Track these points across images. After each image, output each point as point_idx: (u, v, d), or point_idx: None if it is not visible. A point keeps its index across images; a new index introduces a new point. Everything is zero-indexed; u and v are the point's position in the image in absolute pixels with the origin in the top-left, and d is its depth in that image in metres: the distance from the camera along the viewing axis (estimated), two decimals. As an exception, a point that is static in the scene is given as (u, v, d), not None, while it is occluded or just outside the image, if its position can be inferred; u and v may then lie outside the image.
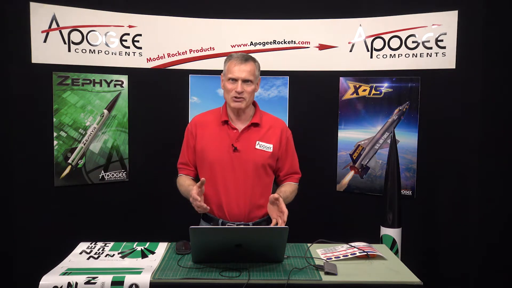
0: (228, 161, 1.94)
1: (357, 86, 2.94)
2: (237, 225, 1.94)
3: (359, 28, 2.93)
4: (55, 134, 2.72)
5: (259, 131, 2.00)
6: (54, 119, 2.71)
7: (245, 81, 1.92)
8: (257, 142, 1.97)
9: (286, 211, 1.79)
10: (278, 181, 2.10)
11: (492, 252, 2.63)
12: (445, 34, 2.69)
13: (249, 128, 1.99)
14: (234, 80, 1.92)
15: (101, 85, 2.85)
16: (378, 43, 2.89)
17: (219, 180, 1.95)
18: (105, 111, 2.88)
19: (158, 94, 2.99)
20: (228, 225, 1.95)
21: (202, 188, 1.81)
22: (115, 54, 2.88)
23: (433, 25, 2.73)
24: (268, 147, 1.98)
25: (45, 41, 2.66)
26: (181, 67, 3.01)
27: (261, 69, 2.09)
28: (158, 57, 2.98)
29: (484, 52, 2.58)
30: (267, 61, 2.98)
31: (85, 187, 2.84)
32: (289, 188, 2.04)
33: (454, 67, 2.68)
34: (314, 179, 3.02)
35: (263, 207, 1.99)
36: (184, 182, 2.01)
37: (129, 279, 1.46)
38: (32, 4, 2.60)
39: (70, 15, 2.73)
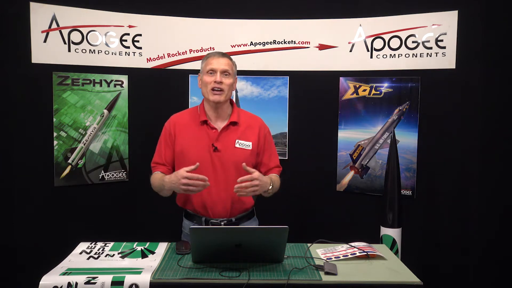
0: (209, 161, 1.95)
1: (357, 86, 2.94)
2: (220, 221, 1.96)
3: (359, 28, 2.93)
4: (55, 134, 2.72)
5: (238, 129, 2.02)
6: (54, 119, 2.71)
7: (223, 73, 1.95)
8: (237, 140, 1.99)
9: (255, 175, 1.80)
10: None
11: (492, 252, 2.63)
12: (445, 34, 2.69)
13: (228, 127, 2.00)
14: (213, 71, 1.95)
15: (101, 85, 2.85)
16: (378, 43, 2.89)
17: None
18: (105, 111, 2.88)
19: (158, 94, 2.99)
20: (211, 222, 1.96)
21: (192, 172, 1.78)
22: (115, 54, 2.88)
23: (433, 25, 2.73)
24: (248, 145, 2.00)
25: (45, 41, 2.66)
26: (181, 67, 3.01)
27: (261, 69, 2.10)
28: (158, 57, 2.98)
29: (484, 52, 2.58)
30: (267, 61, 2.99)
31: (85, 187, 2.84)
32: (274, 177, 2.04)
33: (454, 67, 2.68)
34: (314, 179, 3.03)
35: (245, 203, 2.03)
36: (156, 175, 1.98)
37: (129, 279, 1.46)
38: (32, 4, 2.60)
39: (70, 15, 2.73)
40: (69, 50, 2.74)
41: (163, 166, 2.03)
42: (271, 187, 1.92)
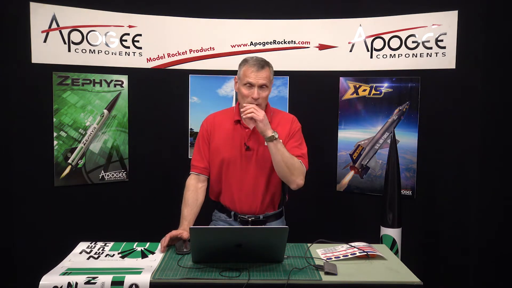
0: (241, 160, 2.00)
1: (357, 86, 2.94)
2: (248, 217, 2.01)
3: (359, 28, 2.93)
4: (55, 134, 2.72)
5: None
6: (54, 119, 2.71)
7: (261, 87, 1.95)
8: None
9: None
10: None
11: (491, 252, 2.63)
12: (445, 34, 2.69)
13: None
14: (251, 85, 1.94)
15: (101, 85, 2.85)
16: (378, 43, 2.89)
17: (232, 178, 2.02)
18: (105, 111, 2.88)
19: (158, 94, 2.99)
20: (240, 217, 2.02)
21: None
22: (115, 54, 2.88)
23: (433, 25, 2.73)
24: None
25: (45, 41, 2.65)
26: (181, 67, 3.01)
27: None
28: (158, 57, 2.98)
29: (484, 52, 2.58)
30: (267, 61, 2.98)
31: (85, 187, 2.84)
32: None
33: (454, 67, 2.68)
34: (314, 179, 3.01)
35: (274, 203, 2.07)
36: (187, 200, 2.00)
37: (129, 279, 1.45)
38: (32, 4, 2.60)
39: (70, 15, 2.73)
40: (69, 50, 2.74)
41: (200, 163, 2.06)
42: (275, 135, 1.85)
